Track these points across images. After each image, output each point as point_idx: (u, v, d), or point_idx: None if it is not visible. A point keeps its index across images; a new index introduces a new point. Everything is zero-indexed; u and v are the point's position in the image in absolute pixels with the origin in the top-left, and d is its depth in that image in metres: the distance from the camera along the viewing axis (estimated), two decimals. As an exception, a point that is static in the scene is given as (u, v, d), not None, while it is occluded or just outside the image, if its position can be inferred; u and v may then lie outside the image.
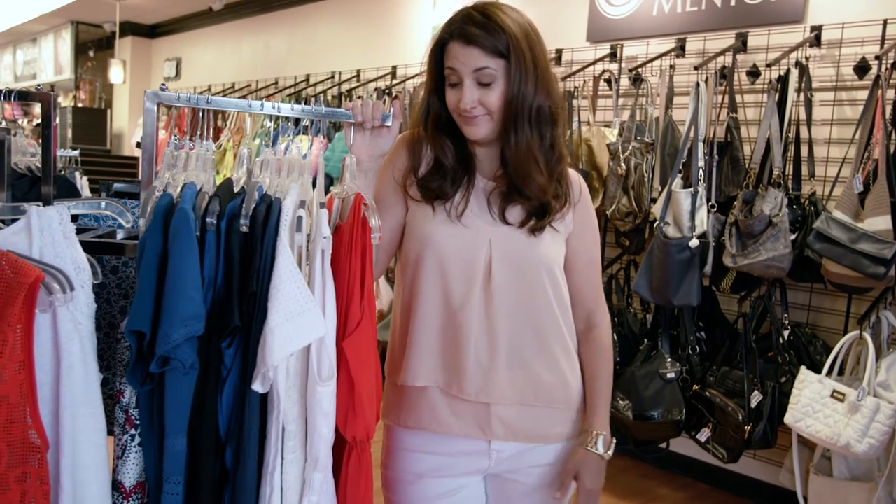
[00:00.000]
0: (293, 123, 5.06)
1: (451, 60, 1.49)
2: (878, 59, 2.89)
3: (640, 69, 3.72)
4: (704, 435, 3.15)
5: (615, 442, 1.61)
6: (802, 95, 3.14)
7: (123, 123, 9.45)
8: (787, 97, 3.10)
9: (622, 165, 3.42)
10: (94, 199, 1.75)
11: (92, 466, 1.29)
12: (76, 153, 4.29)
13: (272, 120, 4.98)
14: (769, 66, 3.21)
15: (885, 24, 3.04)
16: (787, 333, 3.14)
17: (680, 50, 3.73)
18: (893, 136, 2.80)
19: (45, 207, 1.30)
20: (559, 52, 4.26)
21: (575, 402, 1.62)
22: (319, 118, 1.57)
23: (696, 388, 3.20)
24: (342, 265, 1.39)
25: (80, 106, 9.91)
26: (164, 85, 1.51)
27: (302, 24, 6.76)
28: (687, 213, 3.11)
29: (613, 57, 4.01)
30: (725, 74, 3.34)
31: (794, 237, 2.93)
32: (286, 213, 1.34)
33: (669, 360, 3.26)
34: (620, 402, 3.26)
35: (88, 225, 1.91)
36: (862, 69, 3.09)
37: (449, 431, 1.57)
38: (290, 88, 6.36)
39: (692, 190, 3.12)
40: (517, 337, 1.54)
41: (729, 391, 3.11)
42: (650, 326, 3.54)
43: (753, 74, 3.41)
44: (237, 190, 1.44)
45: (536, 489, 1.62)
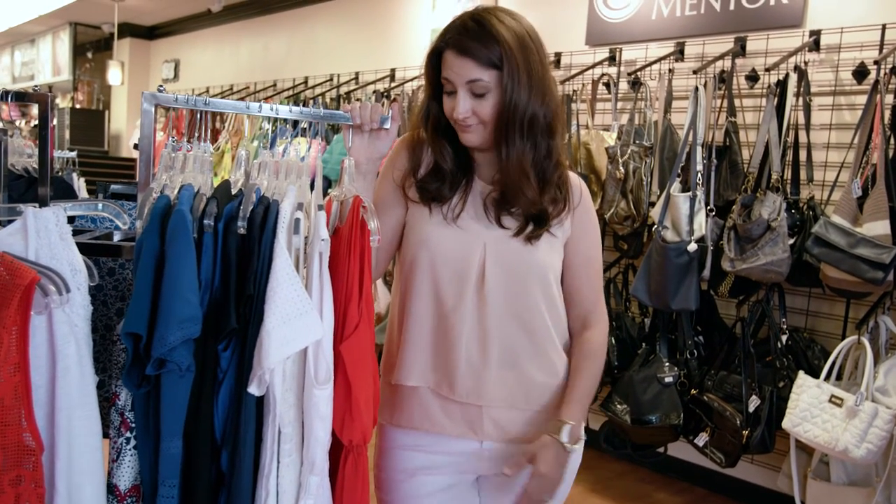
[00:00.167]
0: (291, 126, 5.05)
1: (446, 70, 1.49)
2: (876, 63, 2.89)
3: (638, 73, 3.72)
4: (702, 439, 3.15)
5: (584, 440, 1.57)
6: (801, 100, 3.14)
7: (121, 125, 9.44)
8: (785, 101, 3.10)
9: (621, 169, 3.41)
10: (91, 200, 1.74)
11: (87, 469, 1.28)
12: (73, 154, 4.29)
13: (270, 122, 4.98)
14: (768, 70, 3.21)
15: (883, 28, 3.05)
16: (785, 338, 3.14)
17: (679, 54, 3.73)
18: (892, 140, 2.80)
19: (41, 209, 1.30)
20: (558, 55, 4.26)
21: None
22: (318, 120, 1.56)
23: (694, 392, 3.19)
24: (340, 268, 1.39)
25: (77, 107, 9.90)
26: (161, 86, 1.51)
27: (301, 26, 6.76)
28: (685, 217, 3.11)
29: (612, 60, 4.01)
30: (724, 78, 3.35)
31: (792, 242, 2.93)
32: (284, 215, 1.34)
33: (667, 364, 3.25)
34: (618, 406, 3.26)
35: (85, 226, 1.91)
36: (861, 74, 3.09)
37: (442, 431, 1.58)
38: (288, 90, 6.36)
39: (691, 194, 3.12)
40: (509, 340, 1.55)
41: (727, 395, 3.10)
42: (648, 330, 3.54)
43: (752, 79, 3.41)
44: (235, 192, 1.43)
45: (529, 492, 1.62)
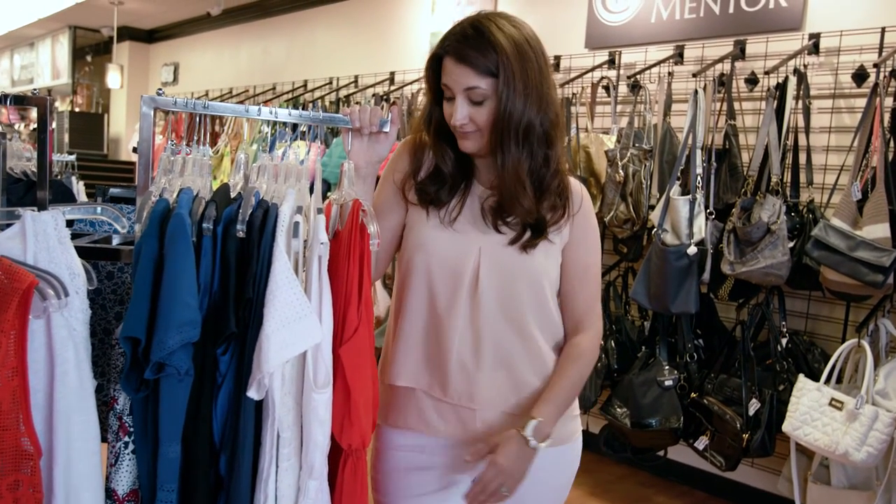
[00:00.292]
0: (291, 129, 5.05)
1: (445, 76, 1.50)
2: (876, 66, 2.89)
3: (638, 76, 3.72)
4: (702, 443, 3.15)
5: (551, 440, 1.52)
6: (801, 103, 3.14)
7: (121, 128, 9.44)
8: (785, 104, 3.10)
9: (620, 172, 3.41)
10: (90, 204, 1.74)
11: (85, 474, 1.28)
12: (72, 158, 4.28)
13: (270, 125, 4.97)
14: (767, 73, 3.21)
15: (883, 31, 3.05)
16: (785, 341, 3.14)
17: (678, 57, 3.73)
18: (892, 143, 2.80)
19: (39, 212, 1.30)
20: (557, 58, 4.26)
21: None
22: (317, 124, 1.56)
23: (693, 395, 3.19)
24: (340, 271, 1.39)
25: (77, 111, 9.91)
26: (160, 90, 1.51)
27: (300, 29, 6.76)
28: (685, 220, 3.10)
29: (612, 64, 4.01)
30: (724, 81, 3.34)
31: (792, 245, 2.93)
32: (283, 218, 1.33)
33: (667, 367, 3.25)
34: (618, 409, 3.25)
35: (84, 230, 1.90)
36: (860, 77, 3.09)
37: (436, 433, 1.59)
38: (288, 94, 6.36)
39: (690, 197, 3.12)
40: (502, 343, 1.55)
41: (727, 399, 3.10)
42: (648, 334, 3.54)
43: (752, 82, 3.41)
44: (234, 195, 1.43)
45: (524, 494, 1.60)
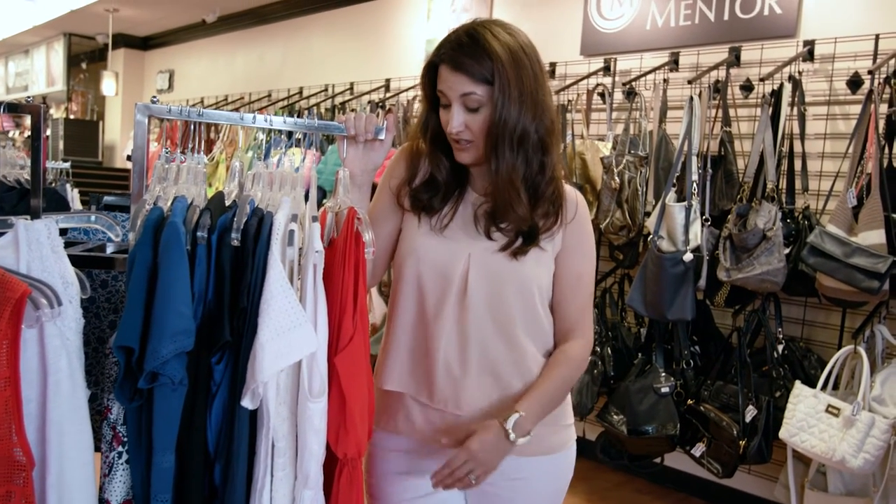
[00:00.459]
0: (286, 136, 5.05)
1: (441, 84, 1.50)
2: (870, 73, 2.90)
3: (633, 83, 3.72)
4: (699, 450, 3.14)
5: (530, 436, 1.50)
6: (796, 109, 3.15)
7: (116, 135, 9.42)
8: (780, 111, 3.11)
9: (616, 179, 3.41)
10: (83, 212, 1.73)
11: (78, 484, 1.27)
12: (67, 165, 4.27)
13: (265, 133, 4.97)
14: (762, 80, 3.22)
15: (877, 38, 3.06)
16: (781, 348, 3.14)
17: (673, 64, 3.74)
18: (887, 150, 2.81)
19: (32, 221, 1.29)
20: (553, 65, 4.27)
21: (552, 418, 1.60)
22: (312, 131, 1.56)
23: (690, 402, 3.18)
24: (335, 280, 1.38)
25: (72, 118, 9.88)
26: (155, 97, 1.50)
27: (296, 36, 6.76)
28: (681, 226, 3.10)
29: (607, 70, 4.02)
30: (719, 88, 3.35)
31: (788, 251, 2.93)
32: (278, 226, 1.33)
33: (664, 374, 3.25)
34: (615, 416, 3.24)
35: (78, 238, 1.89)
36: (855, 84, 3.10)
37: (423, 439, 1.60)
38: (283, 101, 6.36)
39: (686, 204, 3.12)
40: (489, 350, 1.55)
41: (723, 406, 3.10)
42: (644, 340, 3.53)
43: (747, 88, 3.42)
44: (228, 203, 1.42)
45: (516, 503, 1.62)
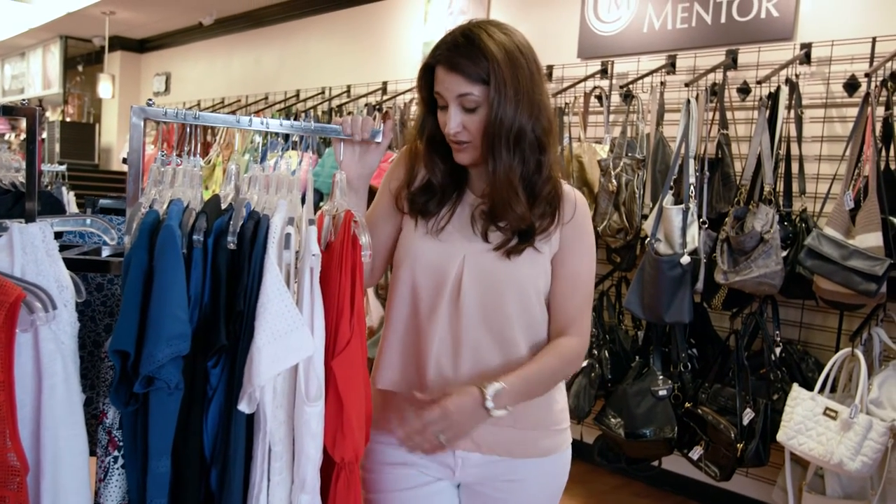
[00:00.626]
0: (283, 139, 5.04)
1: (437, 85, 1.50)
2: (867, 76, 2.90)
3: (630, 86, 3.72)
4: (697, 453, 3.14)
5: (507, 410, 1.47)
6: (793, 112, 3.15)
7: (112, 138, 9.41)
8: (777, 114, 3.11)
9: (613, 182, 3.41)
10: (79, 215, 1.73)
11: (73, 490, 1.26)
12: (63, 168, 4.26)
13: (262, 135, 4.96)
14: (759, 83, 3.21)
15: (874, 41, 3.06)
16: (778, 350, 3.13)
17: (670, 66, 3.74)
18: (884, 152, 2.81)
19: (27, 224, 1.28)
20: (550, 68, 4.27)
21: (545, 422, 1.61)
22: (309, 134, 1.55)
23: (688, 405, 3.18)
24: (332, 283, 1.38)
25: (68, 120, 9.87)
26: (150, 100, 1.50)
27: (293, 39, 6.76)
28: (678, 229, 3.10)
29: (604, 73, 4.02)
30: (716, 91, 3.35)
31: (785, 254, 2.93)
32: (274, 230, 1.32)
33: (661, 377, 3.24)
34: (612, 419, 3.24)
35: (74, 241, 1.89)
36: (851, 86, 3.10)
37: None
38: (280, 104, 6.36)
39: (683, 206, 3.12)
40: (481, 351, 1.54)
41: (721, 408, 3.09)
42: (642, 343, 3.53)
43: (744, 91, 3.42)
44: (225, 206, 1.42)
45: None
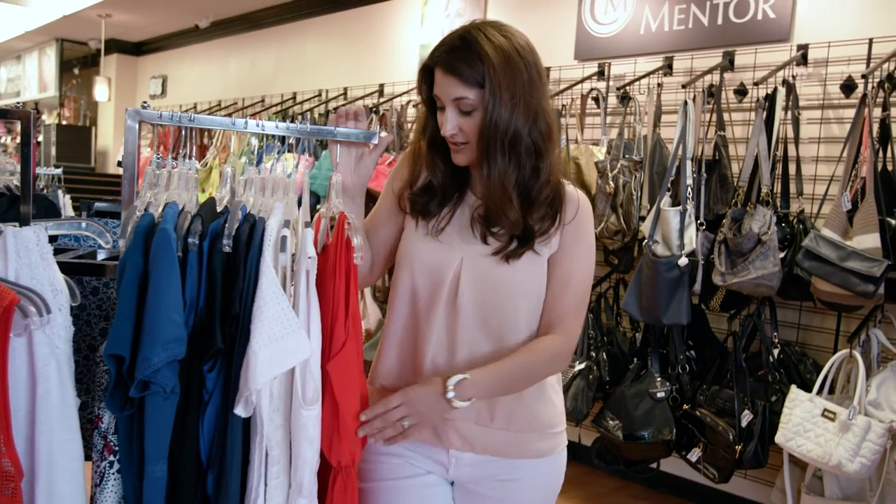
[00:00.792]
0: (279, 141, 5.04)
1: (435, 87, 1.50)
2: (864, 77, 2.90)
3: (627, 87, 3.72)
4: (695, 455, 3.13)
5: (471, 401, 1.47)
6: (790, 114, 3.15)
7: (108, 141, 9.39)
8: (774, 115, 3.11)
9: (610, 184, 3.41)
10: (74, 219, 1.72)
11: (68, 495, 1.25)
12: (59, 171, 4.25)
13: (258, 138, 4.95)
14: (756, 84, 3.21)
15: (870, 43, 3.06)
16: (776, 352, 3.13)
17: (667, 68, 3.74)
18: (881, 153, 2.81)
19: (21, 228, 1.27)
20: (547, 70, 4.26)
21: (540, 425, 1.60)
22: (305, 136, 1.54)
23: (686, 407, 3.18)
24: (327, 286, 1.37)
25: (64, 123, 9.85)
26: (145, 103, 1.49)
27: (289, 41, 6.75)
28: (676, 231, 3.10)
29: (601, 75, 4.01)
30: (713, 93, 3.35)
31: (783, 255, 2.93)
32: (270, 232, 1.32)
33: (659, 379, 3.24)
34: (610, 421, 3.23)
35: (69, 245, 1.88)
36: (848, 88, 3.10)
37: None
38: (276, 106, 6.35)
39: (681, 208, 3.11)
40: (478, 353, 1.54)
41: (719, 410, 3.09)
42: (640, 345, 3.53)
43: (741, 93, 3.42)
44: (220, 209, 1.41)
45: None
